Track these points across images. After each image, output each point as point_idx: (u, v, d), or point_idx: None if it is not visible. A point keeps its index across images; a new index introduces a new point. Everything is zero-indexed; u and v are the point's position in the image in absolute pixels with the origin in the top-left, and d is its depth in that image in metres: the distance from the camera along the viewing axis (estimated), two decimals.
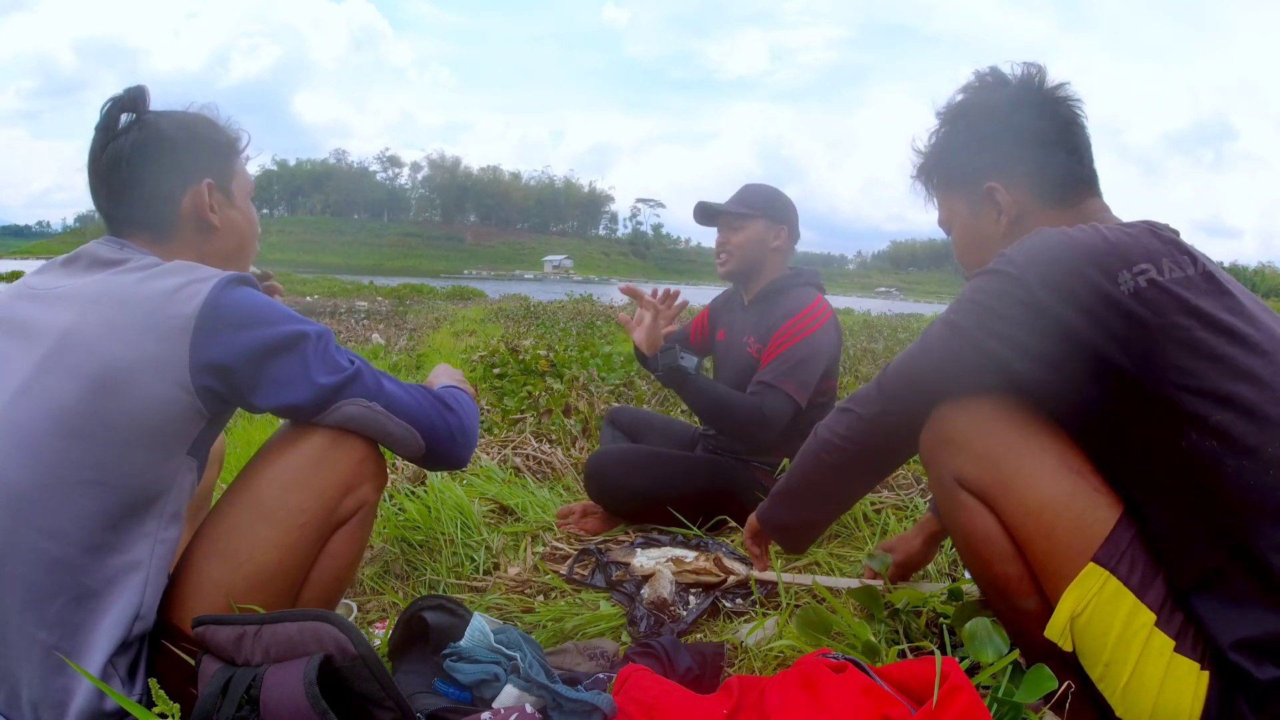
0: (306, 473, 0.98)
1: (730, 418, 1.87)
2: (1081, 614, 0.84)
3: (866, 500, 1.93)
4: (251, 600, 0.93)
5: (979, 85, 1.03)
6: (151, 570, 0.89)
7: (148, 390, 0.85)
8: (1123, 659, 0.83)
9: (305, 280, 23.19)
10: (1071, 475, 0.88)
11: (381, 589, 1.60)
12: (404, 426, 1.03)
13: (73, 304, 0.88)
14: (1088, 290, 0.81)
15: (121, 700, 0.79)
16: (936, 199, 1.11)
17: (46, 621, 0.83)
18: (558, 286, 28.20)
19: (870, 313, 16.49)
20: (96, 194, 1.00)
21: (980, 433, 0.93)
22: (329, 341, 0.98)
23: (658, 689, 0.97)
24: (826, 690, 0.86)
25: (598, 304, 12.52)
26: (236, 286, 0.91)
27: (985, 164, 1.01)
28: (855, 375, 4.67)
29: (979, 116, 1.01)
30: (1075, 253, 0.83)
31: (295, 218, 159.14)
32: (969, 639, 1.00)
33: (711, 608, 1.49)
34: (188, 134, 1.02)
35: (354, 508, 1.03)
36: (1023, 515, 0.89)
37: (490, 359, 4.19)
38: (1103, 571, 0.84)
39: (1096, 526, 0.85)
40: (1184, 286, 0.81)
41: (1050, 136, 0.98)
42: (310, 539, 0.98)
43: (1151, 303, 0.80)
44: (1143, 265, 0.81)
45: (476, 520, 1.87)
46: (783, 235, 2.00)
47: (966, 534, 0.96)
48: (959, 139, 1.04)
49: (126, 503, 0.87)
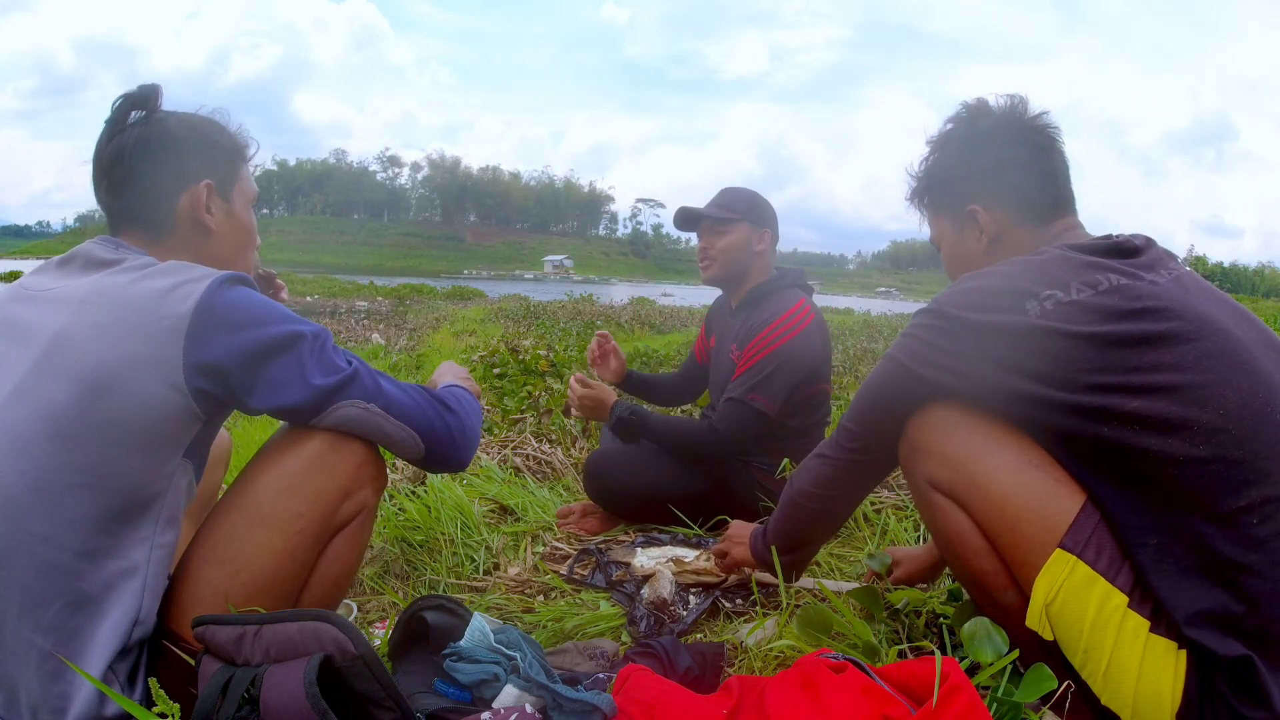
0: (304, 477, 0.97)
1: (687, 447, 1.93)
2: (1054, 600, 0.88)
3: (866, 500, 1.93)
4: (250, 606, 0.93)
5: (965, 115, 1.12)
6: (149, 575, 0.88)
7: (140, 392, 0.84)
8: (1099, 644, 0.86)
9: (305, 280, 23.17)
10: (1030, 469, 0.93)
11: (381, 589, 1.60)
12: (402, 428, 1.02)
13: (65, 305, 0.87)
14: (1002, 318, 0.92)
15: (122, 700, 0.79)
16: (928, 219, 1.20)
17: (43, 626, 0.82)
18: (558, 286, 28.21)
19: (870, 313, 16.48)
20: (98, 187, 1.00)
21: (946, 438, 1.00)
22: (326, 342, 0.97)
23: (658, 689, 0.97)
24: (826, 690, 0.86)
25: (598, 304, 12.52)
26: (231, 286, 0.90)
27: (967, 189, 1.10)
28: (855, 375, 4.67)
29: (962, 145, 1.11)
30: (989, 293, 0.95)
31: (295, 218, 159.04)
32: (969, 639, 1.00)
33: (711, 608, 1.49)
34: (193, 135, 1.02)
35: (353, 511, 1.02)
36: (989, 510, 0.95)
37: (490, 359, 4.19)
38: (1069, 557, 0.88)
39: (1059, 515, 0.90)
40: (1091, 300, 0.90)
41: (1027, 162, 1.06)
42: (308, 545, 0.98)
43: (1059, 317, 0.90)
44: (1049, 291, 0.91)
45: (476, 520, 1.87)
46: (765, 238, 2.00)
47: (944, 533, 1.01)
48: (944, 165, 1.14)
49: (120, 506, 0.86)
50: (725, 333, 2.07)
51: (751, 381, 1.84)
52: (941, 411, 1.01)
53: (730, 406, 1.86)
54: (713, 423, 1.89)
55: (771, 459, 1.91)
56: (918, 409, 1.04)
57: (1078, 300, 0.90)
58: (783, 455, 1.88)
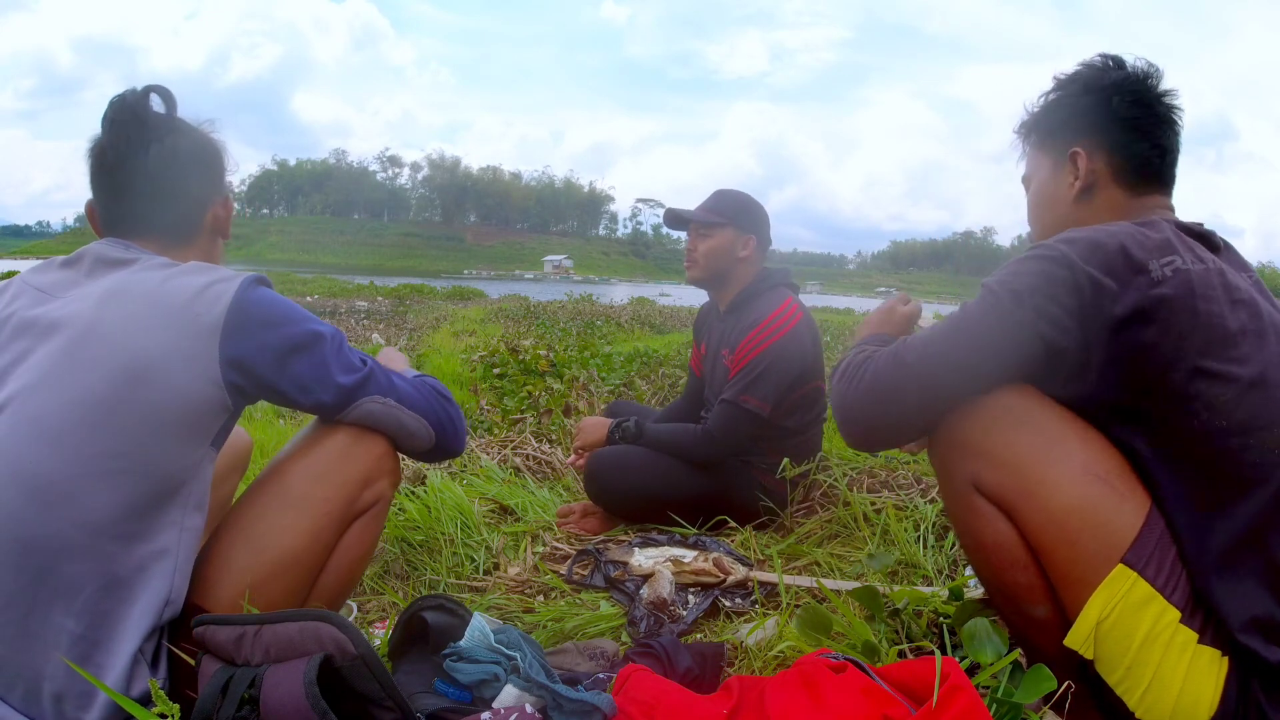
0: (331, 465, 1.04)
1: (684, 452, 1.93)
2: (1108, 618, 0.85)
3: (866, 500, 1.93)
4: (273, 585, 0.97)
5: (1099, 63, 1.10)
6: (180, 558, 0.91)
7: (177, 382, 0.88)
8: (1146, 660, 0.84)
9: (305, 280, 23.15)
10: (1097, 482, 0.88)
11: (381, 589, 1.60)
12: (417, 419, 1.08)
13: (90, 300, 0.90)
14: (1125, 271, 0.87)
15: (120, 699, 0.79)
16: (1026, 154, 1.18)
17: (74, 610, 0.84)
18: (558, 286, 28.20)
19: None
20: (115, 196, 1.00)
21: (1001, 439, 0.93)
22: (342, 342, 1.03)
23: (658, 689, 0.97)
24: (826, 690, 0.86)
25: (598, 304, 12.51)
26: (258, 286, 0.96)
27: (1078, 129, 1.07)
28: None
29: (1085, 87, 1.08)
30: (1114, 242, 0.89)
31: (295, 218, 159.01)
32: (969, 639, 1.00)
33: (711, 608, 1.49)
34: (212, 148, 1.07)
35: (371, 501, 1.08)
36: (1044, 522, 0.89)
37: (490, 359, 4.19)
38: (1130, 573, 0.85)
39: (1122, 530, 0.86)
40: (1204, 275, 0.88)
41: (1143, 126, 1.04)
42: (331, 527, 1.03)
43: (1178, 285, 0.87)
44: (1170, 256, 0.88)
45: (476, 520, 1.87)
46: (750, 245, 2.00)
47: (979, 540, 0.96)
48: (1062, 102, 1.11)
49: (153, 491, 0.88)
50: (715, 338, 2.08)
51: (743, 382, 1.85)
52: (1000, 404, 0.94)
53: (723, 408, 1.87)
54: (707, 426, 1.89)
55: (771, 459, 1.91)
56: (992, 368, 0.94)
57: (1193, 270, 0.88)
58: (782, 455, 1.88)
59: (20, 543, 0.83)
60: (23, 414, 0.85)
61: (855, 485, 2.07)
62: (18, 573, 0.82)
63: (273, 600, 0.96)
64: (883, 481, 2.11)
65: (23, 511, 0.83)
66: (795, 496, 1.98)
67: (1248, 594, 0.83)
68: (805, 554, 1.77)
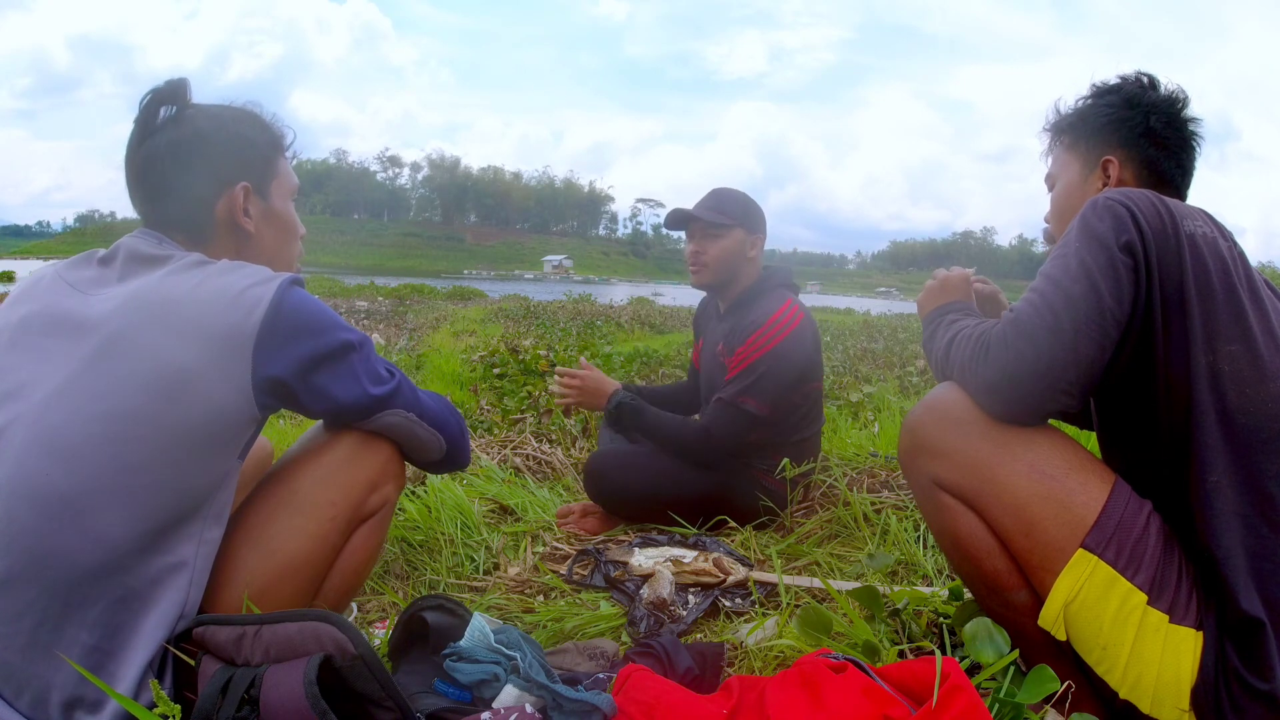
0: (338, 469, 1.03)
1: (679, 446, 1.92)
2: (1075, 599, 0.89)
3: (866, 500, 1.93)
4: (280, 587, 0.97)
5: (1136, 80, 1.16)
6: (196, 570, 0.89)
7: (210, 396, 0.86)
8: (1119, 640, 0.87)
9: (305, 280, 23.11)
10: (1044, 479, 0.93)
11: (381, 589, 1.60)
12: (432, 433, 1.10)
13: (120, 305, 0.87)
14: (1170, 222, 0.94)
15: (121, 699, 0.78)
16: (1055, 154, 1.22)
17: (88, 623, 0.82)
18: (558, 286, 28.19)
19: (870, 313, 16.48)
20: (132, 194, 1.00)
21: (955, 441, 0.99)
22: (370, 350, 1.02)
23: (658, 689, 0.97)
24: (826, 690, 0.86)
25: (597, 304, 12.51)
26: (292, 289, 0.93)
27: (1113, 139, 1.13)
28: (855, 375, 4.67)
29: (1126, 101, 1.14)
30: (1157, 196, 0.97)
31: None
32: (969, 639, 1.00)
33: (711, 608, 1.49)
34: (225, 134, 1.01)
35: (378, 505, 1.08)
36: (1000, 514, 0.95)
37: (490, 359, 4.20)
38: (1091, 557, 0.89)
39: (1080, 516, 0.91)
40: (1220, 244, 0.95)
41: (1173, 146, 1.12)
42: (338, 531, 1.03)
43: (1204, 247, 0.93)
44: (1199, 222, 0.95)
45: (476, 520, 1.87)
46: (758, 245, 1.99)
47: (952, 534, 1.00)
48: (1101, 110, 1.15)
49: (176, 506, 0.87)
50: (712, 335, 2.07)
51: (743, 384, 1.84)
52: (947, 412, 1.00)
53: (721, 408, 1.86)
54: (705, 424, 1.88)
55: (771, 459, 1.91)
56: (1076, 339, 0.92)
57: (1212, 236, 0.94)
58: (781, 455, 1.88)
59: (33, 556, 0.81)
60: (41, 425, 0.83)
61: (855, 485, 2.07)
62: (30, 585, 0.81)
63: (279, 603, 0.96)
64: (883, 482, 2.11)
65: (37, 526, 0.81)
66: (795, 496, 1.98)
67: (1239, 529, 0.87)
68: (805, 554, 1.77)
